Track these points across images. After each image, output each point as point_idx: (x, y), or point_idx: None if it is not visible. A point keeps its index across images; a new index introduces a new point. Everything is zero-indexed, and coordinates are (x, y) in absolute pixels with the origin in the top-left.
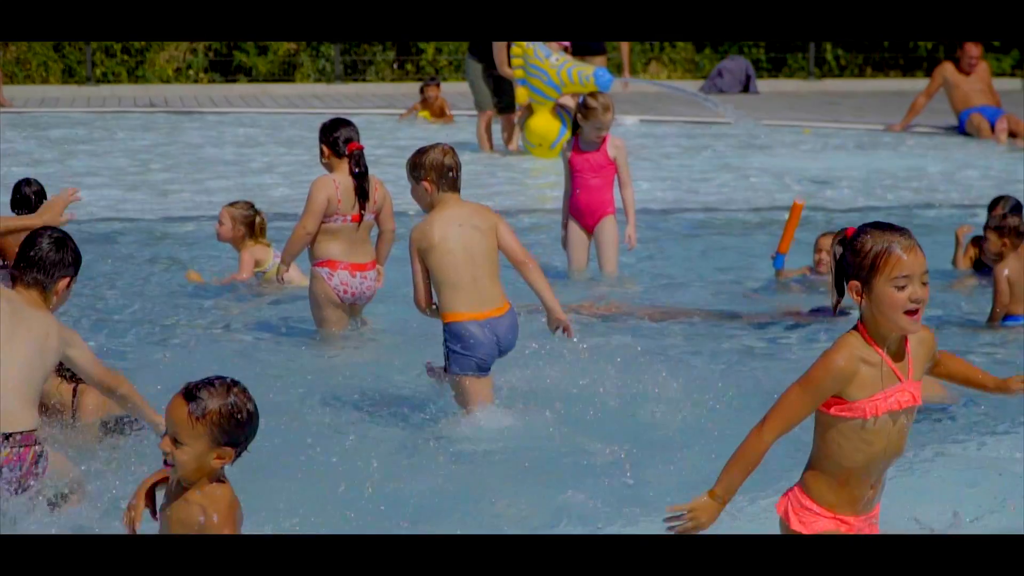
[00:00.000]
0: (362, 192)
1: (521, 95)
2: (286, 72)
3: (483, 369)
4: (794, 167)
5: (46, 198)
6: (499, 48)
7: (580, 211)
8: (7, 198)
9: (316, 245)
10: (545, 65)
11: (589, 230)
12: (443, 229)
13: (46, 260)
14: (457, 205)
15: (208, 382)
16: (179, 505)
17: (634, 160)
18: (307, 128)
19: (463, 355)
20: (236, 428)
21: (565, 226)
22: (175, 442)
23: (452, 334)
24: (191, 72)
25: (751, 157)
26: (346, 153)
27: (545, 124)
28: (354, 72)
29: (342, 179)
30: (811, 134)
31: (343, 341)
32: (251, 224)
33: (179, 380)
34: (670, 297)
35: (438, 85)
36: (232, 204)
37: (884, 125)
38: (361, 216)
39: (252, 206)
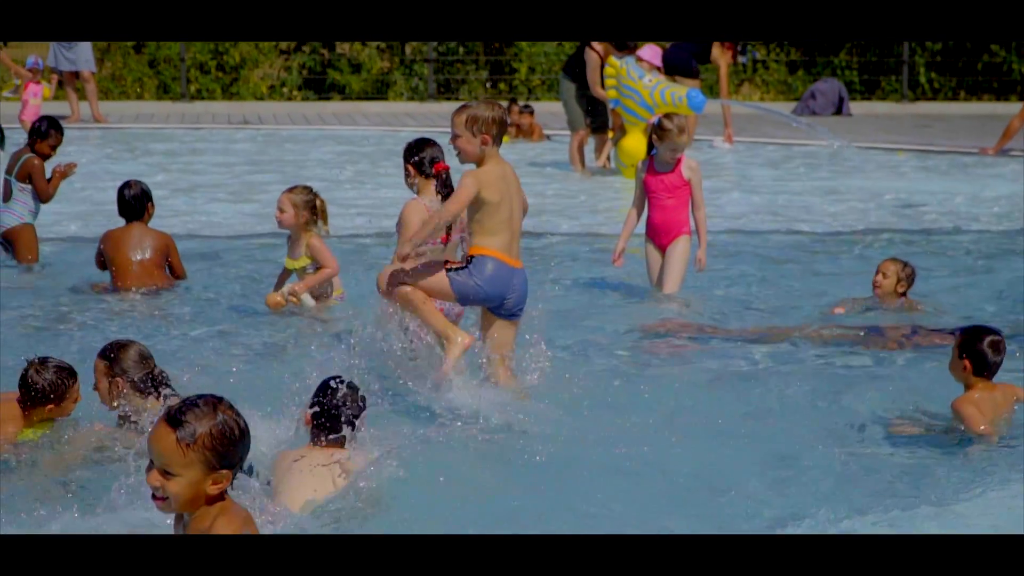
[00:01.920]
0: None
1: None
2: (379, 90)
3: (468, 300)
4: (888, 189)
5: (151, 199)
6: (592, 69)
7: (655, 231)
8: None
9: None
10: (638, 86)
11: (663, 249)
12: (500, 182)
13: None
14: (504, 162)
15: (191, 403)
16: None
17: (725, 181)
18: (400, 146)
19: (473, 280)
20: (230, 448)
21: (624, 239)
22: (165, 474)
23: (479, 264)
24: (285, 90)
25: (844, 179)
26: (432, 173)
27: (637, 145)
28: (447, 91)
29: (431, 202)
30: (905, 157)
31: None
32: (313, 208)
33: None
34: (761, 319)
35: (531, 113)
36: (291, 190)
37: (978, 148)
38: (449, 237)
39: (311, 189)
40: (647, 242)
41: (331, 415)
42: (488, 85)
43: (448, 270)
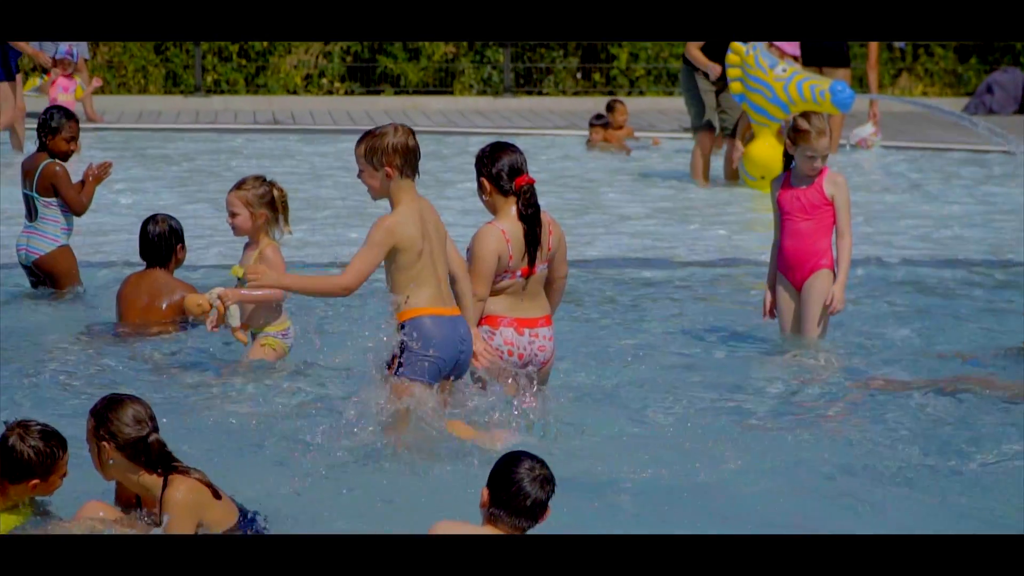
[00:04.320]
0: (533, 239)
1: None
2: (442, 82)
3: (436, 377)
4: None
5: (181, 240)
6: (693, 48)
7: (787, 263)
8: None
9: None
10: (768, 77)
11: (798, 287)
12: (414, 224)
13: None
14: (418, 197)
15: None
16: None
17: (876, 196)
18: (469, 152)
19: (421, 356)
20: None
21: (772, 285)
22: None
23: (415, 331)
24: (324, 81)
25: None
26: (512, 189)
27: (769, 151)
28: (527, 83)
29: (510, 226)
30: None
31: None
32: (271, 203)
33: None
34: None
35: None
36: (239, 185)
37: None
38: (535, 269)
39: (264, 179)
40: (779, 278)
41: (516, 504)
42: (578, 76)
43: (395, 373)
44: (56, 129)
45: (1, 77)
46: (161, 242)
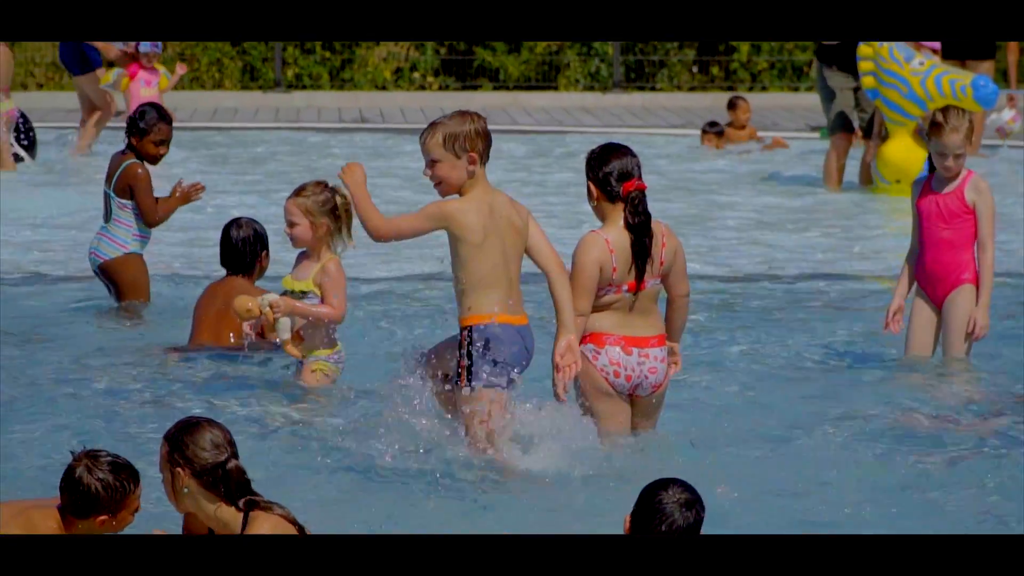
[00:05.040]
0: (642, 251)
1: None
2: (546, 76)
3: (509, 382)
4: None
5: (265, 247)
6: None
7: (927, 276)
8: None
9: None
10: (904, 72)
11: (938, 303)
12: (484, 216)
13: None
14: (493, 190)
15: None
16: None
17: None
18: (575, 153)
19: (491, 361)
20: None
21: (902, 295)
22: None
23: (481, 337)
24: (416, 75)
25: None
26: (620, 195)
27: (905, 152)
28: (638, 77)
29: (616, 236)
30: None
31: None
32: (334, 211)
33: None
34: None
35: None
36: (299, 192)
37: None
38: (644, 283)
39: (327, 186)
40: (917, 291)
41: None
42: (695, 69)
43: (466, 383)
44: (145, 131)
45: (76, 70)
46: (245, 248)
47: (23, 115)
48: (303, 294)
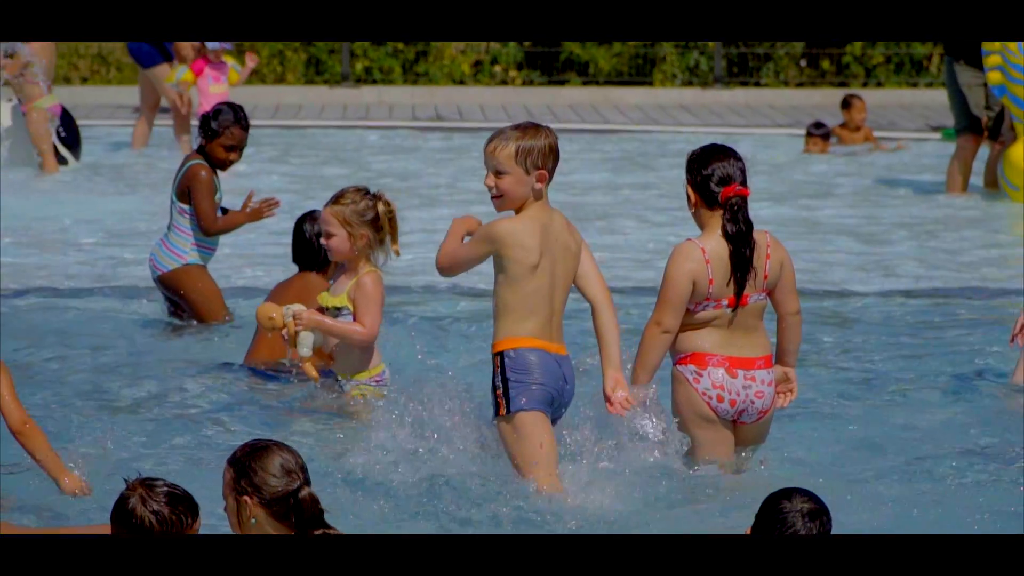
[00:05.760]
0: (741, 262)
1: None
2: (640, 70)
3: (550, 407)
4: None
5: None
6: None
7: None
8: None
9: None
10: None
11: None
12: (538, 237)
13: None
14: (552, 210)
15: None
16: None
17: None
18: (671, 155)
19: (528, 384)
20: None
21: None
22: None
23: (517, 363)
24: (497, 69)
25: None
26: (719, 201)
27: None
28: (741, 71)
29: (713, 245)
30: None
31: None
32: (375, 220)
33: None
34: None
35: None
36: (337, 199)
37: None
38: (745, 298)
39: (367, 192)
40: None
41: None
42: (803, 64)
43: (506, 411)
44: (216, 132)
45: (156, 59)
46: (318, 242)
47: (66, 112)
48: (337, 310)
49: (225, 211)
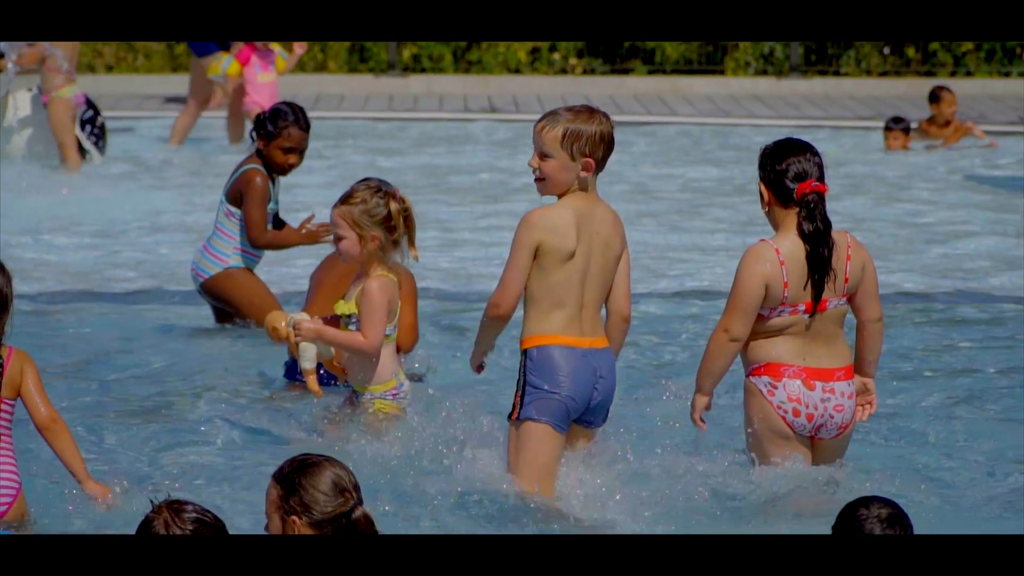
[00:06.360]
0: (819, 264)
1: None
2: (710, 59)
3: (565, 420)
4: None
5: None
6: None
7: None
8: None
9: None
10: None
11: None
12: (577, 226)
13: None
14: (598, 200)
15: None
16: None
17: None
18: (743, 149)
19: (547, 393)
20: None
21: None
22: None
23: (539, 366)
24: (556, 56)
25: None
26: (794, 199)
27: None
28: (820, 60)
29: (788, 246)
30: None
31: None
32: (387, 220)
33: None
34: None
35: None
36: (346, 199)
37: None
38: (824, 303)
39: (378, 188)
40: None
41: None
42: (887, 51)
43: (517, 416)
44: (273, 134)
45: (211, 47)
46: None
47: (90, 102)
48: (348, 317)
49: (279, 223)
